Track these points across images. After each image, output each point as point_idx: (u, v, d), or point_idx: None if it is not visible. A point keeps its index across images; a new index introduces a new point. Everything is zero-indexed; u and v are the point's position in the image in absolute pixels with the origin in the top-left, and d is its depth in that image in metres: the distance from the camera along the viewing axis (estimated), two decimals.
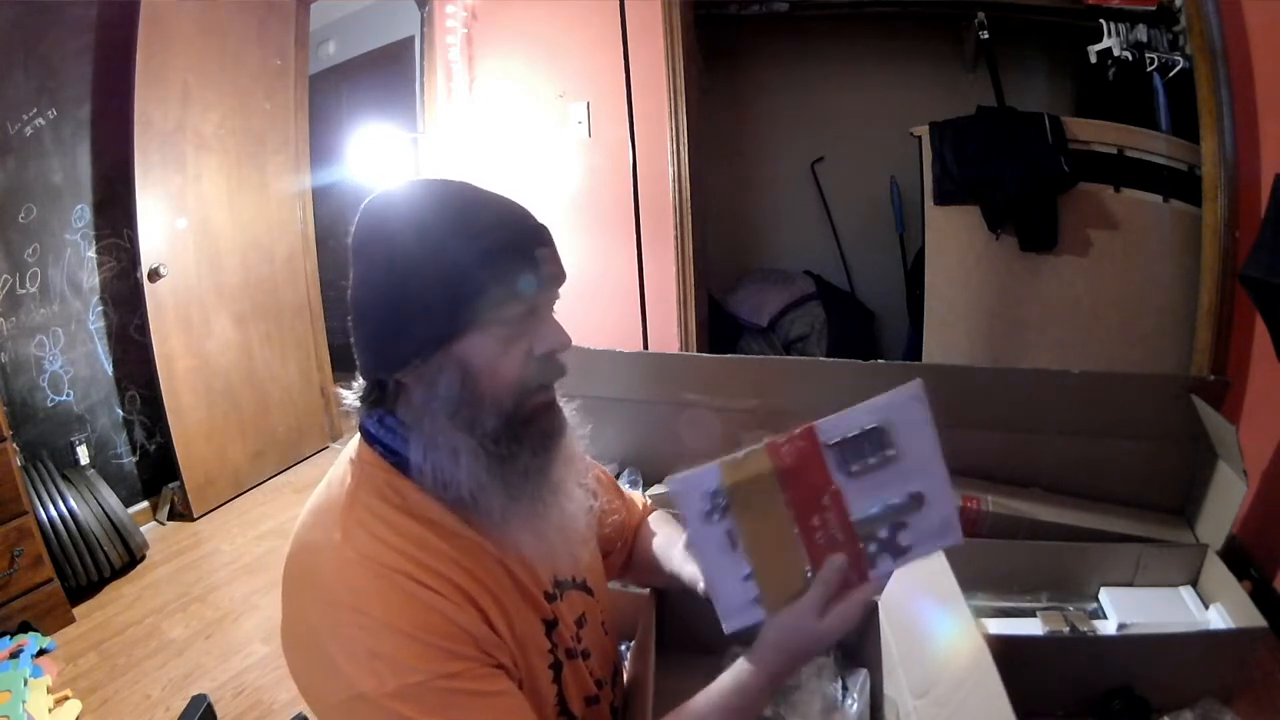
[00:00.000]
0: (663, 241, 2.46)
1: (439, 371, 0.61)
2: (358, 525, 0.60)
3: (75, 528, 2.18)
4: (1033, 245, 2.05)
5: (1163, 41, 1.91)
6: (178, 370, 2.63)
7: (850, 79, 2.89)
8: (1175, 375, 1.46)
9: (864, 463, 0.64)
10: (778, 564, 0.65)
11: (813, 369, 1.39)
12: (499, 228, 0.61)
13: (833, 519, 0.64)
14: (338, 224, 4.30)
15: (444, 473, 0.61)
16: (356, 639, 0.55)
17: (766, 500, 0.64)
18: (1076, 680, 0.89)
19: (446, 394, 0.61)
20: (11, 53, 2.24)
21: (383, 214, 0.63)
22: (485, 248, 0.59)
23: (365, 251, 0.63)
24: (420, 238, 0.60)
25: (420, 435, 0.62)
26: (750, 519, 0.64)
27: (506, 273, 0.60)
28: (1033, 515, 1.18)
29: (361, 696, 0.54)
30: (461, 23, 2.68)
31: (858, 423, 0.64)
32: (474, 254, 0.59)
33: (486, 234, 0.60)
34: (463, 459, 0.61)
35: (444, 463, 0.61)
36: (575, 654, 0.71)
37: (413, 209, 0.62)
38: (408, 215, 0.62)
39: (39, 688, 1.71)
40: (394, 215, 0.63)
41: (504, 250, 0.60)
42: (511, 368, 0.62)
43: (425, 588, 0.57)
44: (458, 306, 0.59)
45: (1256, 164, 1.59)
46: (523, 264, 0.61)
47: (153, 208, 2.53)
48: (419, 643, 0.55)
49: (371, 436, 0.65)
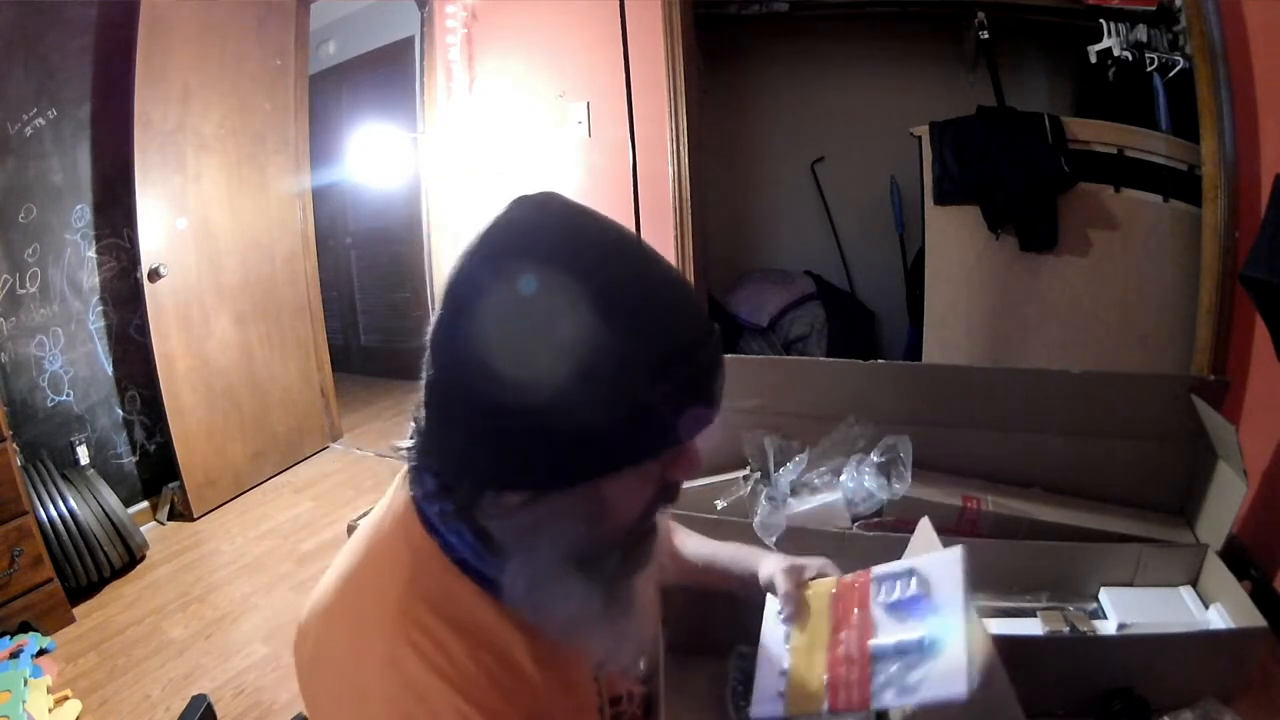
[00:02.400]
0: (663, 241, 2.46)
1: (567, 508, 0.49)
2: (410, 647, 0.50)
3: (75, 528, 2.18)
4: (1033, 245, 2.05)
5: (1163, 41, 1.91)
6: (178, 370, 2.63)
7: (850, 79, 2.89)
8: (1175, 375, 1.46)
9: (897, 594, 0.71)
10: (807, 667, 0.72)
11: (813, 369, 1.39)
12: (691, 340, 0.48)
13: (854, 638, 0.70)
14: (338, 224, 4.31)
15: (548, 613, 0.52)
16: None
17: (819, 611, 0.75)
18: (1076, 680, 0.89)
19: (570, 532, 0.50)
20: (11, 53, 2.24)
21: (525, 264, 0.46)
22: (694, 362, 0.47)
23: (494, 311, 0.46)
24: (590, 328, 0.44)
25: (519, 568, 0.51)
26: (802, 622, 0.75)
27: (691, 409, 0.48)
28: (1033, 515, 1.17)
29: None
30: (461, 23, 2.69)
31: (905, 564, 0.73)
32: (681, 365, 0.46)
33: (695, 339, 0.48)
34: (575, 600, 0.52)
35: (553, 605, 0.51)
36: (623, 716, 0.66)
37: (574, 274, 0.45)
38: (564, 284, 0.45)
39: (39, 688, 1.71)
40: (544, 274, 0.45)
41: (705, 370, 0.48)
42: (644, 501, 0.52)
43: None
44: (634, 442, 0.46)
45: (1256, 164, 1.59)
46: (706, 399, 0.49)
47: (153, 208, 2.53)
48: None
49: (431, 526, 0.54)
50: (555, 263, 0.46)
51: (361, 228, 4.29)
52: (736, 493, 1.27)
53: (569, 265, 0.46)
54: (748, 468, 1.32)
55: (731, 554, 0.88)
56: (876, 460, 1.21)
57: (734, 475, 1.31)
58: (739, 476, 1.30)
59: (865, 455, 1.23)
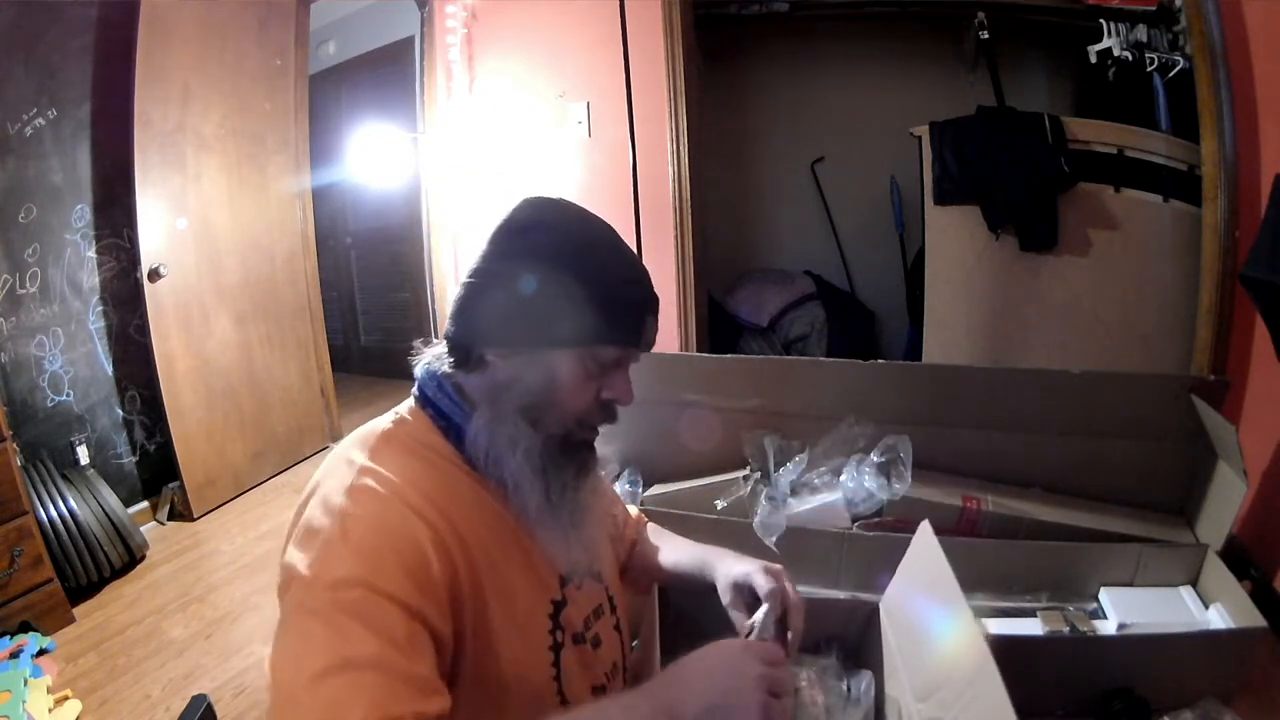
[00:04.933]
0: (663, 241, 2.46)
1: (529, 366, 0.67)
2: (387, 453, 0.65)
3: (75, 528, 2.18)
4: (1033, 245, 2.05)
5: (1163, 41, 1.91)
6: (178, 370, 2.63)
7: (850, 79, 2.89)
8: (1175, 375, 1.46)
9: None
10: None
11: (813, 369, 1.39)
12: (639, 283, 0.70)
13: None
14: (338, 224, 4.31)
15: (497, 453, 0.66)
16: (335, 533, 0.58)
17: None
18: (1076, 680, 0.89)
19: (528, 387, 0.67)
20: (11, 53, 2.24)
21: (560, 213, 0.70)
22: (626, 294, 0.68)
23: (528, 233, 0.68)
24: (587, 251, 0.67)
25: (484, 412, 0.67)
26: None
27: (628, 323, 0.68)
28: (1033, 515, 1.17)
29: (300, 578, 0.57)
30: (461, 23, 2.69)
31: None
32: (616, 292, 0.67)
33: (631, 282, 0.69)
34: (519, 449, 0.66)
35: (501, 444, 0.66)
36: (583, 639, 0.73)
37: (587, 227, 0.70)
38: (584, 230, 0.70)
39: (39, 688, 1.71)
40: (572, 221, 0.70)
41: (636, 304, 0.69)
42: (582, 400, 0.69)
43: (422, 520, 0.60)
44: (582, 326, 0.65)
45: (1256, 164, 1.59)
46: (641, 323, 0.69)
47: (153, 208, 2.53)
48: (382, 554, 0.57)
49: (426, 399, 0.71)
50: (550, 214, 0.70)
51: (361, 228, 4.28)
52: (736, 493, 1.27)
53: (558, 218, 0.70)
54: (748, 468, 1.32)
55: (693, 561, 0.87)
56: (876, 460, 1.21)
57: (734, 475, 1.31)
58: (739, 476, 1.30)
59: (865, 455, 1.23)
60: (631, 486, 1.40)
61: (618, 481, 1.41)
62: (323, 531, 0.59)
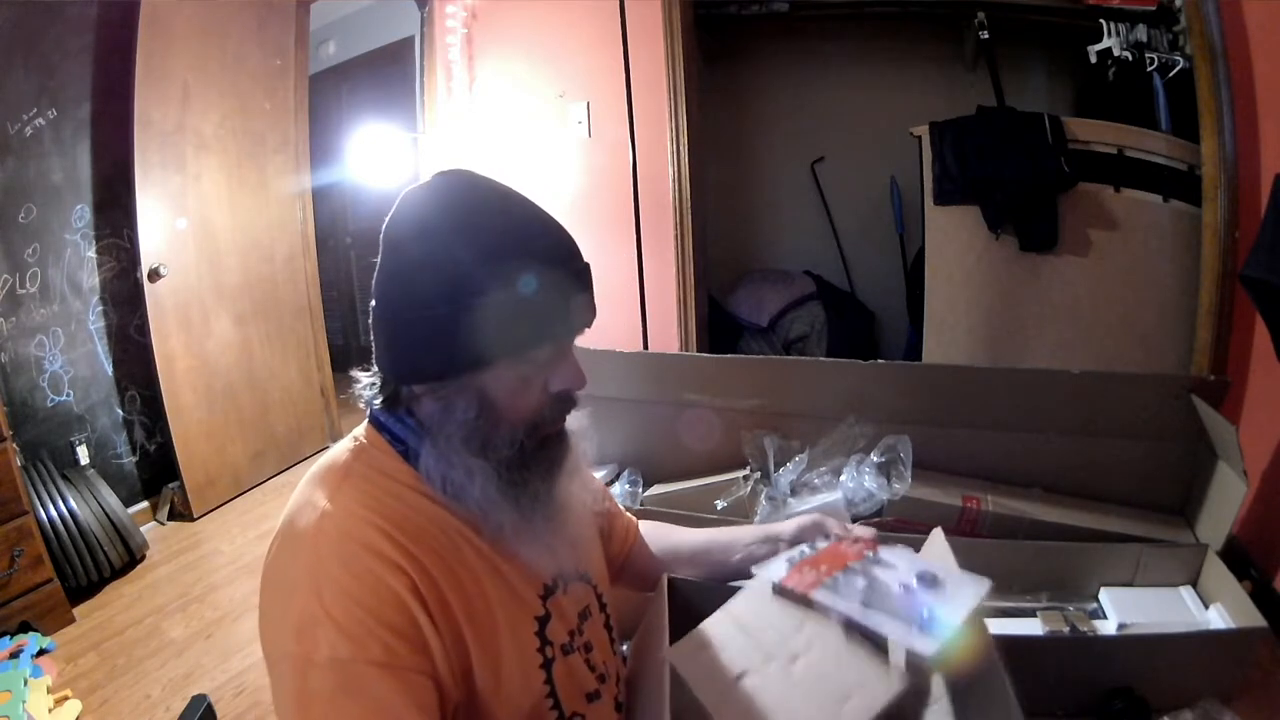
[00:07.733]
0: (663, 241, 2.46)
1: (457, 395, 0.61)
2: (349, 492, 0.61)
3: (75, 528, 2.18)
4: (1033, 245, 2.05)
5: (1163, 41, 1.90)
6: (178, 370, 2.63)
7: (850, 79, 2.89)
8: (1175, 375, 1.46)
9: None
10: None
11: (813, 369, 1.39)
12: (557, 264, 0.60)
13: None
14: (338, 224, 4.31)
15: (455, 485, 0.62)
16: (311, 601, 0.55)
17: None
18: (1076, 680, 0.89)
19: (463, 418, 0.61)
20: (11, 53, 2.24)
21: (421, 211, 0.61)
22: (543, 285, 0.58)
23: (400, 247, 0.61)
24: (485, 249, 0.58)
25: (434, 446, 0.62)
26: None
27: (545, 316, 0.60)
28: (1033, 515, 1.17)
29: (290, 656, 0.55)
30: (461, 23, 2.69)
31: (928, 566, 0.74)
32: (516, 292, 0.57)
33: (546, 266, 0.59)
34: (476, 479, 0.61)
35: (458, 478, 0.62)
36: (573, 649, 0.70)
37: (455, 215, 0.60)
38: (447, 221, 0.59)
39: (39, 688, 1.71)
40: (433, 216, 0.60)
41: (547, 292, 0.58)
42: (528, 404, 0.63)
43: (395, 570, 0.57)
44: (488, 341, 0.58)
45: (1256, 164, 1.59)
46: (562, 309, 0.61)
47: (153, 208, 2.53)
48: (365, 621, 0.55)
49: (381, 425, 0.66)
50: (433, 212, 0.61)
51: (361, 228, 4.28)
52: (736, 493, 1.27)
53: (442, 215, 0.60)
54: (748, 468, 1.32)
55: (730, 533, 0.91)
56: (876, 460, 1.21)
57: (734, 475, 1.31)
58: (739, 476, 1.30)
59: (865, 455, 1.23)
60: (631, 486, 1.40)
61: (617, 482, 1.41)
62: (298, 595, 0.56)
